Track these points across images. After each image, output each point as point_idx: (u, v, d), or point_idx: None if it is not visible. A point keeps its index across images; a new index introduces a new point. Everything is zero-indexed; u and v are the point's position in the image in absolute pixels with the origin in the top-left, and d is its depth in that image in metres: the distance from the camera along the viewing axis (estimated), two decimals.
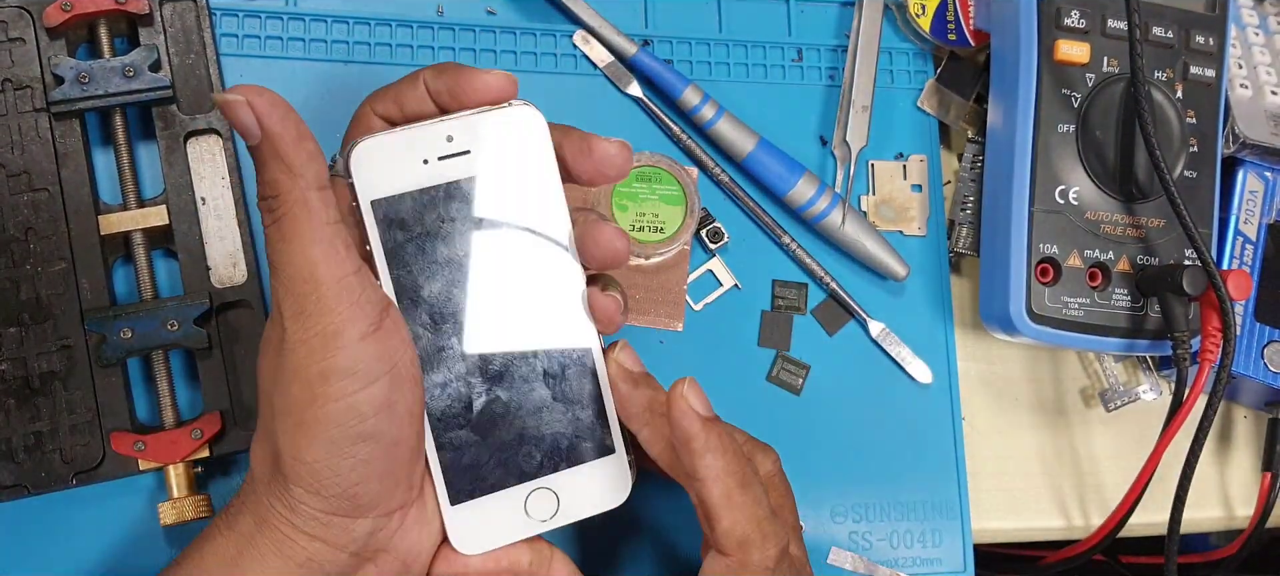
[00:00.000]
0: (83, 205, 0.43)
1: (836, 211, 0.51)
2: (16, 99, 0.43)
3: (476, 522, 0.36)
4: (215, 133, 0.45)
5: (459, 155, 0.35)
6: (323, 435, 0.32)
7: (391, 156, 0.34)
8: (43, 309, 0.42)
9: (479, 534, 0.36)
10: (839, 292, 0.52)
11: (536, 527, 0.36)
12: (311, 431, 0.32)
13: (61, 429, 0.42)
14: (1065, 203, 0.49)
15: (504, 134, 0.35)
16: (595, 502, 0.37)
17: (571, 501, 0.36)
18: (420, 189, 0.34)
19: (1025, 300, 0.48)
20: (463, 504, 0.35)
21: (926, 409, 0.53)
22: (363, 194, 0.34)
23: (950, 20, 0.55)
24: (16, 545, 0.43)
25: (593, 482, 0.37)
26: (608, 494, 0.37)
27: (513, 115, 0.35)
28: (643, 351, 0.50)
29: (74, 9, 0.43)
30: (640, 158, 0.50)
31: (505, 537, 0.36)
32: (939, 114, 0.56)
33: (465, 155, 0.35)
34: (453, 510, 0.35)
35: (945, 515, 0.52)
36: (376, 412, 0.33)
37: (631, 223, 0.50)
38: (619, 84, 0.51)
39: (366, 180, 0.34)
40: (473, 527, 0.36)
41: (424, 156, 0.34)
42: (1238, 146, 0.54)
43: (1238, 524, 0.57)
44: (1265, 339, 0.54)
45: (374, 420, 0.33)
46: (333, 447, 0.32)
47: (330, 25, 0.49)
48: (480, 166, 0.35)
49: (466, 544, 0.36)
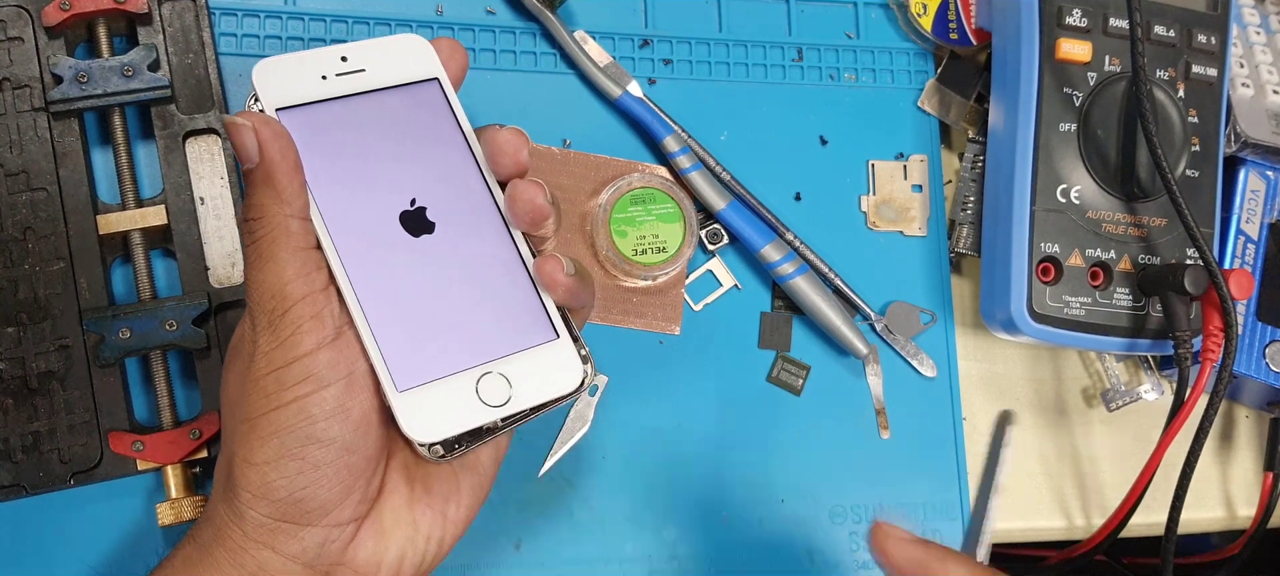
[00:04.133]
0: (81, 205, 0.43)
1: (801, 278, 0.50)
2: (15, 98, 0.43)
3: (428, 409, 0.36)
4: (214, 133, 0.45)
5: (354, 72, 0.37)
6: (274, 437, 0.33)
7: (291, 71, 0.36)
8: (41, 308, 0.42)
9: (433, 421, 0.36)
10: (842, 289, 0.52)
11: (492, 413, 0.36)
12: (264, 433, 0.33)
13: (60, 429, 0.42)
14: (1067, 202, 0.49)
15: (394, 57, 0.38)
16: (547, 389, 0.37)
17: (523, 387, 0.37)
18: (321, 99, 0.37)
19: (1026, 299, 0.48)
20: (411, 390, 0.36)
21: (927, 409, 0.53)
22: (268, 105, 0.36)
23: (952, 19, 0.55)
24: (15, 545, 0.43)
25: (541, 368, 0.37)
26: (559, 380, 0.37)
27: (400, 40, 0.38)
28: (643, 352, 0.50)
29: (73, 8, 0.43)
30: (632, 182, 0.50)
31: (461, 424, 0.36)
32: (940, 114, 0.55)
33: (360, 72, 0.37)
34: (400, 397, 0.35)
35: (945, 515, 0.52)
36: (328, 416, 0.33)
37: (633, 247, 0.50)
38: (619, 83, 0.51)
39: (269, 92, 0.36)
40: (425, 414, 0.36)
41: (322, 73, 0.37)
42: (1239, 145, 0.54)
43: (1239, 524, 0.57)
44: (1267, 338, 0.54)
45: (324, 423, 0.33)
46: (283, 449, 0.33)
47: (330, 25, 0.49)
48: (374, 82, 0.38)
49: (420, 431, 0.35)
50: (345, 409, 0.34)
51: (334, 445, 0.33)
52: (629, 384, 0.50)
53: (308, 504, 0.34)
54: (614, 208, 0.50)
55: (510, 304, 0.38)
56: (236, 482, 0.34)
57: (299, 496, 0.33)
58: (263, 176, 0.34)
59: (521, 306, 0.38)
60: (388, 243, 0.36)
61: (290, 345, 0.33)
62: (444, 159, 0.38)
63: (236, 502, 0.34)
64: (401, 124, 0.38)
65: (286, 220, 0.34)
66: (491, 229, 0.38)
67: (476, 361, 0.37)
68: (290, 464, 0.33)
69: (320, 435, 0.33)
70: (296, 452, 0.33)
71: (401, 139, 0.38)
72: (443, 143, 0.38)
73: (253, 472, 0.33)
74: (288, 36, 0.48)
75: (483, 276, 0.37)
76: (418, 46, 0.39)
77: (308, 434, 0.33)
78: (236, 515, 0.34)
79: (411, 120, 0.38)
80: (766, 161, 0.53)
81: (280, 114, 0.36)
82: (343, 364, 0.34)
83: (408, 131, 0.38)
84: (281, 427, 0.33)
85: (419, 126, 0.38)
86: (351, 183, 0.36)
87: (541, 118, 0.51)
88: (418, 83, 0.38)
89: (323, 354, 0.33)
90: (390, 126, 0.37)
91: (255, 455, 0.33)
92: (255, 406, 0.33)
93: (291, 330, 0.33)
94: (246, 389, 0.34)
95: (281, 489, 0.33)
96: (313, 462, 0.33)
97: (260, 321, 0.33)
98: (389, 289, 0.36)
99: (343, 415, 0.34)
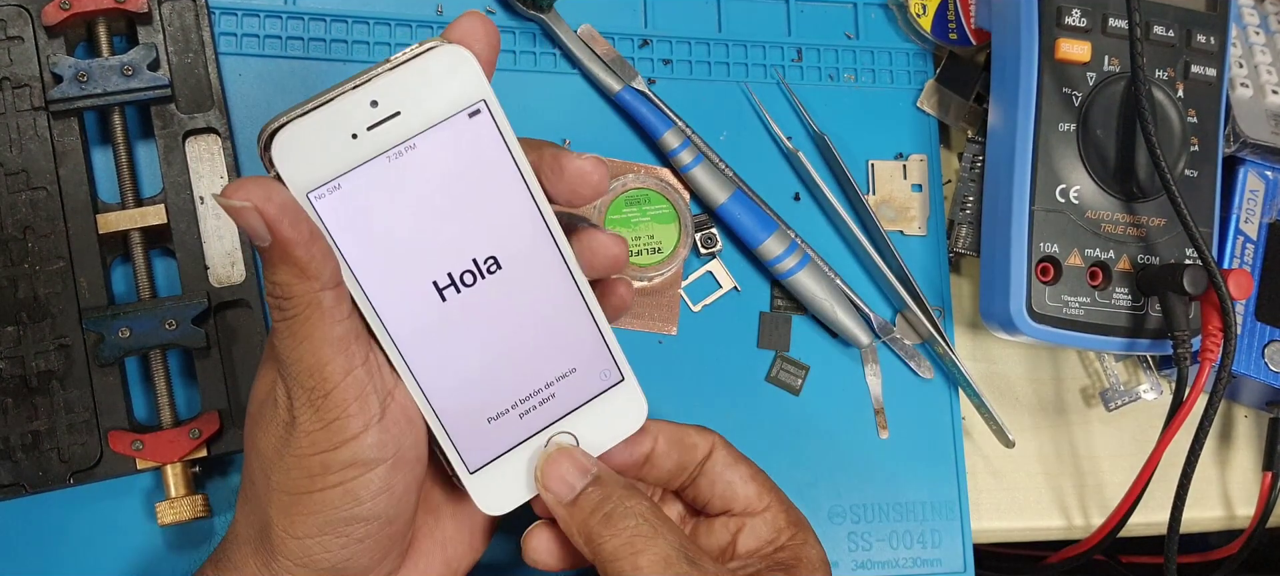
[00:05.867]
0: (81, 204, 0.43)
1: (804, 272, 0.50)
2: (15, 97, 0.43)
3: (500, 482, 0.35)
4: (213, 132, 0.45)
5: (389, 120, 0.32)
6: (318, 516, 0.32)
7: (316, 138, 0.31)
8: (41, 308, 0.42)
9: (506, 494, 0.35)
10: (843, 288, 0.52)
11: None
12: (307, 510, 0.32)
13: (59, 428, 0.42)
14: (1066, 201, 0.49)
15: (431, 84, 0.32)
16: (615, 432, 0.36)
17: (591, 436, 0.36)
18: (356, 167, 0.32)
19: (1026, 299, 0.48)
20: (481, 470, 0.35)
21: (926, 408, 0.53)
22: (296, 189, 0.31)
23: (951, 19, 0.55)
24: (14, 545, 0.43)
25: (609, 414, 0.36)
26: (626, 420, 0.36)
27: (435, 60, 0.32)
28: (641, 353, 0.50)
29: (72, 7, 0.43)
30: (626, 182, 0.50)
31: (532, 489, 0.36)
32: (939, 114, 0.55)
33: (396, 117, 0.32)
34: (473, 478, 0.35)
35: (945, 515, 0.52)
36: (374, 497, 0.33)
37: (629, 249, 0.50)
38: (623, 76, 0.51)
39: (295, 173, 0.31)
40: (497, 489, 0.35)
41: (352, 131, 0.31)
42: (1238, 145, 0.54)
43: (1238, 523, 0.57)
44: (1266, 338, 0.54)
45: (371, 503, 0.33)
46: (327, 527, 0.33)
47: (329, 24, 0.49)
48: (412, 127, 0.32)
49: (494, 505, 0.35)
50: (391, 487, 0.33)
51: (378, 520, 0.33)
52: None
53: (348, 572, 0.33)
54: (609, 209, 0.50)
55: (575, 353, 0.36)
56: (276, 549, 0.33)
57: (340, 567, 0.33)
58: (279, 255, 0.30)
59: (587, 353, 0.36)
60: (442, 309, 0.34)
61: (336, 430, 0.32)
62: (496, 204, 0.34)
63: (274, 565, 0.33)
64: (448, 172, 0.33)
65: (317, 296, 0.31)
66: (552, 273, 0.35)
67: (545, 424, 0.36)
68: (334, 540, 0.33)
69: (364, 514, 0.33)
70: (341, 530, 0.33)
71: (449, 190, 0.33)
72: (494, 185, 0.33)
73: (295, 544, 0.33)
74: (287, 36, 0.48)
75: (545, 328, 0.35)
76: (456, 61, 0.32)
77: (352, 514, 0.32)
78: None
79: (459, 165, 0.33)
80: (766, 162, 0.53)
81: (312, 197, 0.31)
82: (390, 443, 0.33)
83: (455, 180, 0.33)
84: (325, 507, 0.32)
85: (467, 171, 0.33)
86: (398, 250, 0.33)
87: (541, 117, 0.51)
88: (461, 114, 0.33)
89: (370, 436, 0.32)
90: (436, 178, 0.33)
91: (297, 529, 0.33)
92: (298, 483, 0.32)
93: (336, 414, 0.31)
94: (287, 461, 0.32)
95: (324, 561, 0.33)
96: (356, 538, 0.33)
97: (299, 398, 0.32)
98: (448, 360, 0.34)
99: (388, 493, 0.33)
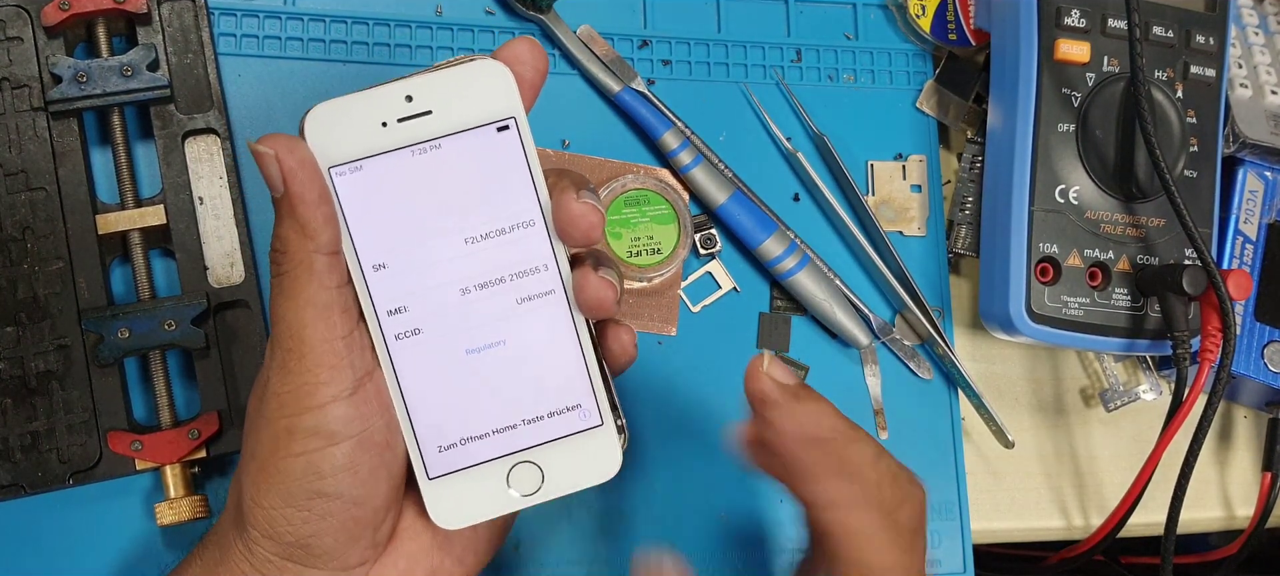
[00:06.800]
0: (80, 204, 0.43)
1: (803, 272, 0.50)
2: (14, 98, 0.43)
3: (455, 497, 0.35)
4: (213, 132, 0.45)
5: (420, 116, 0.33)
6: (280, 485, 0.33)
7: (348, 118, 0.33)
8: (40, 308, 0.42)
9: (458, 509, 0.35)
10: (842, 289, 0.52)
11: (519, 503, 0.35)
12: (270, 479, 0.33)
13: (58, 428, 0.42)
14: (1065, 202, 0.49)
15: (466, 92, 0.33)
16: (582, 477, 0.35)
17: (557, 475, 0.35)
18: (380, 153, 0.33)
19: (1025, 299, 0.48)
20: (440, 478, 0.35)
21: (925, 409, 0.53)
22: (322, 160, 0.33)
23: (950, 20, 0.55)
24: (13, 545, 0.43)
25: (579, 456, 0.35)
26: (596, 467, 0.36)
27: (474, 71, 0.33)
28: (641, 354, 0.50)
29: (72, 8, 0.43)
30: (626, 183, 0.50)
31: (486, 512, 0.35)
32: (938, 114, 0.55)
33: (427, 116, 0.33)
34: (430, 484, 0.35)
35: (944, 515, 0.52)
36: (335, 473, 0.32)
37: (628, 249, 0.50)
38: (623, 77, 0.51)
39: (323, 146, 0.33)
40: (451, 503, 0.35)
41: (382, 119, 0.33)
42: (1238, 146, 0.54)
43: (1238, 524, 0.57)
44: (1265, 338, 0.54)
45: (332, 479, 0.33)
46: (288, 498, 0.33)
47: (329, 24, 0.49)
48: (440, 127, 0.33)
49: (445, 518, 0.35)
50: (354, 466, 0.33)
51: (340, 499, 0.33)
52: (628, 384, 0.50)
53: (314, 549, 0.33)
54: (608, 210, 0.50)
55: (557, 385, 0.35)
56: (247, 518, 0.33)
57: (305, 542, 0.33)
58: (287, 208, 0.32)
59: (569, 388, 0.35)
60: (437, 309, 0.34)
61: (303, 393, 0.32)
62: (509, 220, 0.34)
63: (246, 536, 0.34)
64: (466, 179, 0.34)
65: (310, 256, 0.32)
66: (551, 300, 0.35)
67: (512, 449, 0.35)
68: (295, 513, 0.33)
69: (326, 490, 0.33)
70: (302, 504, 0.33)
71: (465, 196, 0.34)
72: (509, 202, 0.34)
73: (261, 514, 0.33)
74: (287, 37, 0.48)
75: (533, 353, 0.35)
76: (493, 76, 0.33)
77: (314, 488, 0.32)
78: (246, 546, 0.34)
79: (478, 175, 0.34)
80: (765, 162, 0.53)
81: (334, 171, 0.33)
82: (358, 420, 0.33)
83: (472, 188, 0.34)
84: (288, 476, 0.32)
85: (486, 182, 0.34)
86: (406, 242, 0.34)
87: (541, 118, 0.51)
88: (490, 126, 0.34)
89: (337, 408, 0.32)
90: (454, 181, 0.34)
91: (263, 498, 0.33)
92: (264, 447, 0.33)
93: (306, 377, 0.32)
94: (258, 423, 0.33)
95: (288, 534, 0.33)
96: (318, 514, 0.33)
97: (276, 357, 0.32)
98: (432, 362, 0.34)
99: (351, 471, 0.33)
